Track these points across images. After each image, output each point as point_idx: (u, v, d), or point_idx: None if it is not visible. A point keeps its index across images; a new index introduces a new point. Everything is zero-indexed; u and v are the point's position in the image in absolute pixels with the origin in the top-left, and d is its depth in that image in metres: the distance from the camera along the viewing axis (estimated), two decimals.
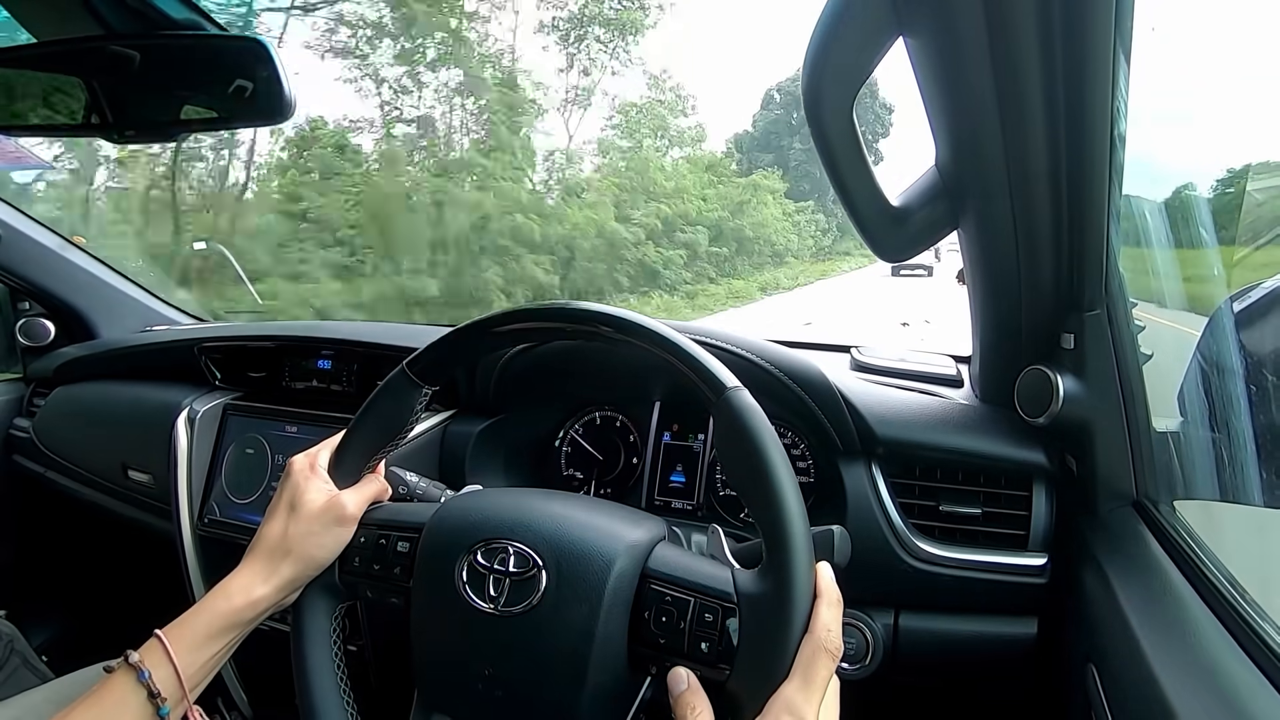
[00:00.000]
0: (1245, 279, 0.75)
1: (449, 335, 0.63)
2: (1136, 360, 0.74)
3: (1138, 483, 0.78)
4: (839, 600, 0.51)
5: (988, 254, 0.75)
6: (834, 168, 0.65)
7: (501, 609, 0.54)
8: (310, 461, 0.64)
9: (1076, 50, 0.53)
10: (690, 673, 0.51)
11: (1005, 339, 0.83)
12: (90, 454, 1.31)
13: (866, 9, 0.56)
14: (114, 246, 6.91)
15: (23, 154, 2.03)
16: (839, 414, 0.85)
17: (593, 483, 1.03)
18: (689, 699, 0.50)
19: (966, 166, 0.67)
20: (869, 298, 14.31)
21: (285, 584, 0.59)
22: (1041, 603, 0.81)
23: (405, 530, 0.61)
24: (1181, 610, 0.63)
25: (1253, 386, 0.68)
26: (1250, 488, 0.69)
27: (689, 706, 0.49)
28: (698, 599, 0.52)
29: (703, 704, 0.49)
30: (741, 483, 0.53)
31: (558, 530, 0.56)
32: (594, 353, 0.95)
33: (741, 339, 0.89)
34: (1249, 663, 0.55)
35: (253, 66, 0.71)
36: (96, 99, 0.74)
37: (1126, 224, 0.73)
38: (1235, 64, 0.98)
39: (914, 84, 0.62)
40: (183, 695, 0.55)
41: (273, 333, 1.20)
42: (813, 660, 0.47)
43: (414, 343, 1.04)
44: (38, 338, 1.45)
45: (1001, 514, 0.83)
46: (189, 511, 1.11)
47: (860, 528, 0.82)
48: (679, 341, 0.56)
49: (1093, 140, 0.59)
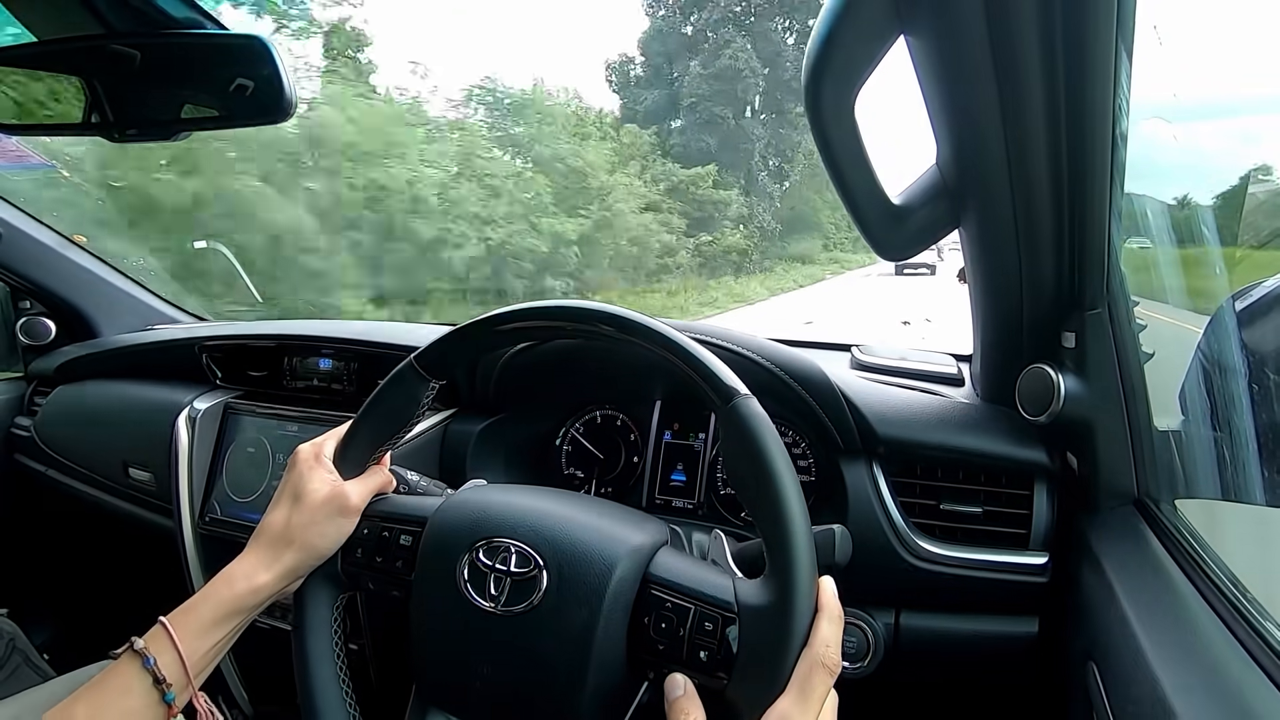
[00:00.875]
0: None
1: (456, 330, 0.63)
2: (1138, 359, 0.74)
3: (1139, 481, 0.78)
4: (840, 615, 0.50)
5: (989, 252, 0.75)
6: (834, 165, 0.64)
7: (502, 608, 0.54)
8: (315, 451, 0.64)
9: (1078, 48, 0.53)
10: (687, 679, 0.51)
11: (1006, 337, 0.82)
12: (91, 453, 1.32)
13: (867, 7, 0.56)
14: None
15: (24, 153, 2.02)
16: (840, 413, 0.85)
17: (593, 482, 1.03)
18: (684, 705, 0.50)
19: (968, 165, 0.67)
20: (870, 297, 14.24)
21: (288, 572, 0.59)
22: (1042, 601, 0.81)
23: (408, 524, 0.61)
24: (1183, 609, 0.63)
25: (1255, 385, 0.68)
26: (1252, 486, 0.69)
27: (683, 713, 0.49)
28: (698, 607, 0.52)
29: (697, 711, 0.50)
30: (746, 491, 0.52)
31: (560, 531, 0.56)
32: (595, 351, 0.95)
33: (743, 338, 0.89)
34: (1250, 662, 0.55)
35: (253, 64, 0.71)
36: (97, 98, 0.74)
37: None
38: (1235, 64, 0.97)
39: (915, 82, 0.62)
40: (187, 682, 0.55)
41: (273, 331, 1.20)
42: (810, 675, 0.47)
43: (414, 342, 1.04)
44: (39, 336, 1.45)
45: (1002, 513, 0.82)
46: (190, 510, 1.12)
47: (861, 527, 0.82)
48: (684, 343, 0.56)
49: (1094, 138, 0.59)
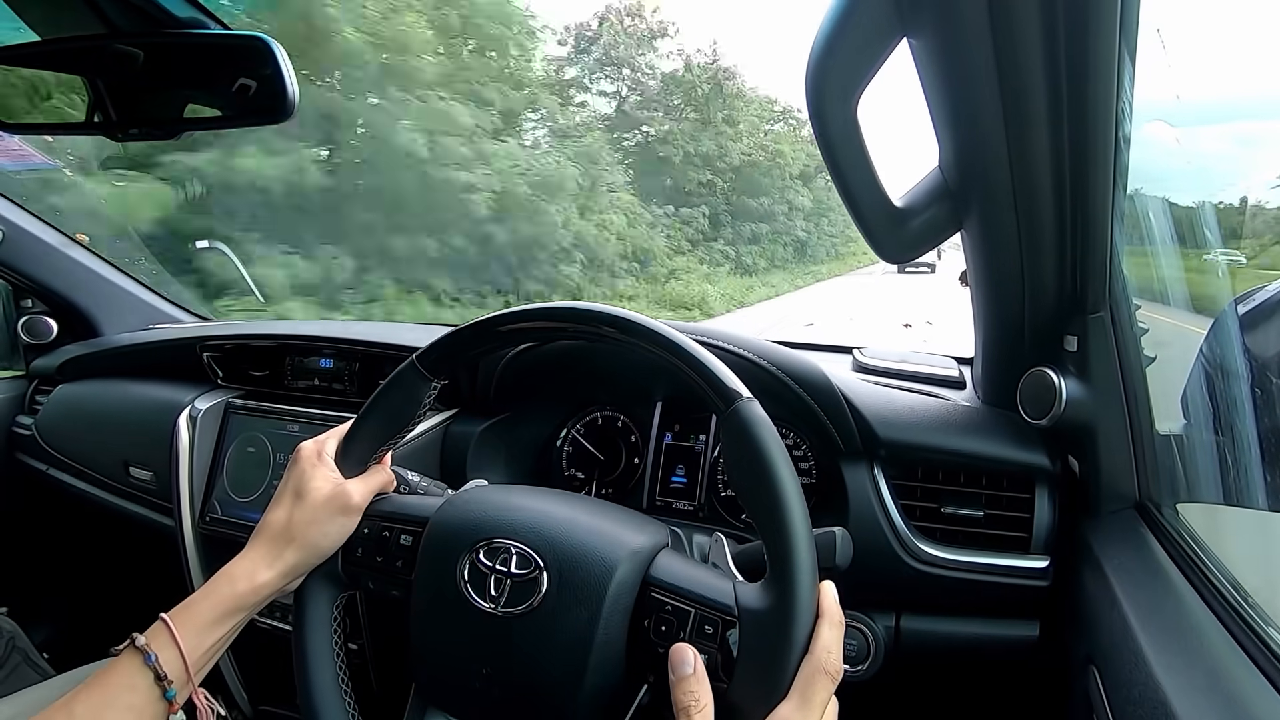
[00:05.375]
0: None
1: (457, 330, 0.63)
2: (1140, 362, 0.74)
3: (1140, 485, 0.78)
4: (841, 621, 0.50)
5: (991, 255, 0.75)
6: (836, 168, 0.64)
7: (502, 609, 0.54)
8: (318, 449, 0.64)
9: (1081, 51, 0.53)
10: (698, 655, 0.49)
11: (1008, 340, 0.82)
12: (92, 451, 1.32)
13: (869, 10, 0.56)
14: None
15: (27, 151, 2.03)
16: (841, 415, 0.85)
17: (594, 483, 1.03)
18: (692, 686, 0.48)
19: (970, 168, 0.67)
20: (871, 298, 14.26)
21: (289, 570, 0.59)
22: (1043, 605, 0.81)
23: (409, 524, 0.61)
24: (1184, 613, 0.63)
25: (1257, 390, 0.68)
26: (1254, 491, 0.69)
27: (691, 695, 0.47)
28: (699, 610, 0.52)
29: (706, 696, 0.48)
30: (747, 495, 0.52)
31: (561, 532, 0.56)
32: (595, 352, 0.95)
33: (744, 339, 0.89)
34: (1251, 666, 0.54)
35: (256, 65, 0.71)
36: (100, 97, 0.74)
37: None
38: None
39: (917, 84, 0.62)
40: (188, 678, 0.55)
41: (274, 331, 1.20)
42: (811, 681, 0.47)
43: (414, 342, 1.04)
44: (40, 335, 1.45)
45: (1003, 516, 0.82)
46: (190, 509, 1.12)
47: (862, 529, 0.82)
48: (686, 345, 0.56)
49: (1097, 142, 0.59)
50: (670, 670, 0.49)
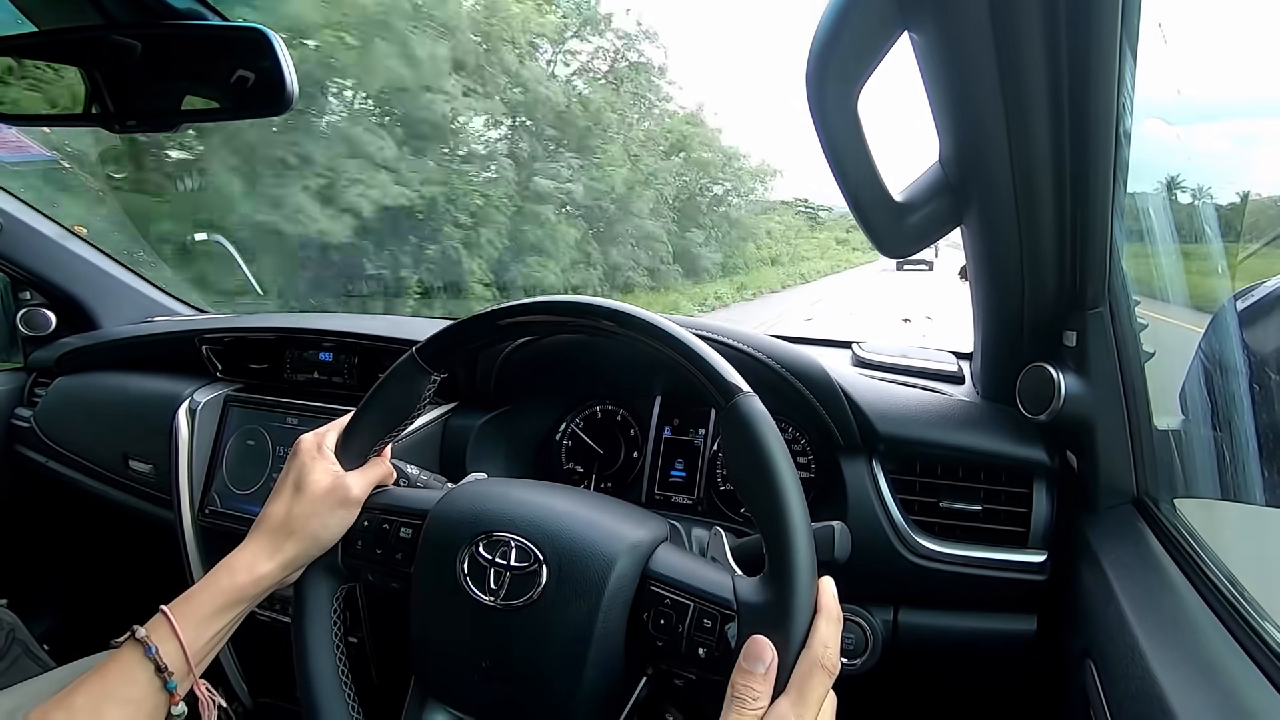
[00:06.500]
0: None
1: (457, 323, 0.63)
2: (1139, 358, 0.74)
3: (1138, 480, 0.78)
4: (839, 617, 0.50)
5: (991, 250, 0.75)
6: (837, 161, 0.64)
7: (501, 602, 0.54)
8: (318, 442, 0.64)
9: (1082, 45, 0.53)
10: (775, 657, 0.47)
11: (1007, 336, 0.82)
12: (91, 444, 1.32)
13: (870, 4, 0.55)
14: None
15: (24, 143, 2.02)
16: (840, 410, 0.85)
17: (593, 477, 1.03)
18: (756, 684, 0.46)
19: (970, 162, 0.67)
20: (871, 293, 14.26)
21: (288, 562, 0.60)
22: (1041, 599, 0.81)
23: (409, 517, 0.61)
24: (1181, 608, 0.63)
25: (1255, 385, 0.68)
26: (1252, 486, 0.69)
27: (751, 692, 0.46)
28: (697, 603, 0.52)
29: (765, 699, 0.46)
30: (746, 489, 0.52)
31: (560, 526, 0.56)
32: (595, 346, 0.95)
33: (744, 334, 0.89)
34: (1248, 661, 0.55)
35: (254, 56, 0.71)
36: (98, 89, 0.74)
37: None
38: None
39: (918, 78, 0.62)
40: (188, 670, 0.55)
41: (274, 324, 1.20)
42: (808, 676, 0.47)
43: (414, 335, 1.04)
44: (39, 328, 1.45)
45: (1002, 511, 0.83)
46: (190, 502, 1.12)
47: (860, 523, 0.82)
48: (686, 339, 0.56)
49: (1097, 137, 0.58)
50: (741, 658, 0.47)
